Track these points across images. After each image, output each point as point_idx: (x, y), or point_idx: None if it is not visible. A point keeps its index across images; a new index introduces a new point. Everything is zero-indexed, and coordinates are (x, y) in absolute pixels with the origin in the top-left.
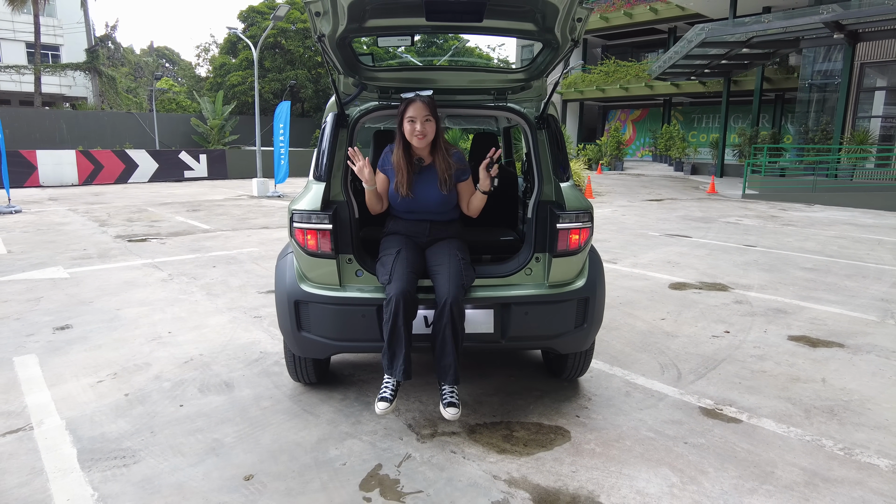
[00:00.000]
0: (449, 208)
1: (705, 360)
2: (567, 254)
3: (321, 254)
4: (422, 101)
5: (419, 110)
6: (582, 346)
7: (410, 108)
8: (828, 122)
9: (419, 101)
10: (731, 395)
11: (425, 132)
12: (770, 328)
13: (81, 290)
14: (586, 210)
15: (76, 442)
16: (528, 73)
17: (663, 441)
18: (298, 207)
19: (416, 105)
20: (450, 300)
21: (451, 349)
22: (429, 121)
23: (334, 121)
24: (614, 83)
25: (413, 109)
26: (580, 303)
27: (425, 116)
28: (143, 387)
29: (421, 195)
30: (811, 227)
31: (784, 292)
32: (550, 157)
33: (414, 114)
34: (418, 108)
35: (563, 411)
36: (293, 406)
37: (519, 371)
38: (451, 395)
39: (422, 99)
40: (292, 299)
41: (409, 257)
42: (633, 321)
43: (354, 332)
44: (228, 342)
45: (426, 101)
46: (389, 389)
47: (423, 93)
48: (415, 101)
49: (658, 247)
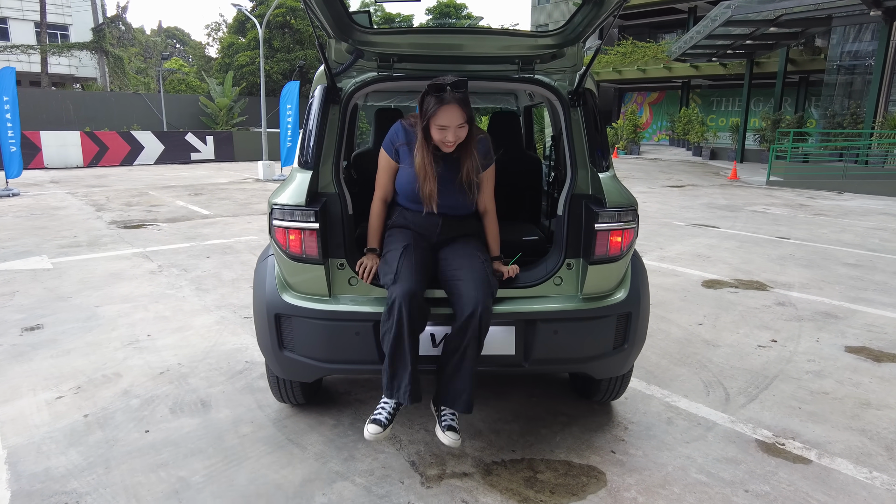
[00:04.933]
0: (467, 203)
1: (754, 376)
2: (606, 260)
3: (306, 258)
4: (457, 105)
5: (453, 117)
6: (620, 371)
7: (442, 114)
8: (857, 105)
9: (454, 105)
10: (792, 425)
11: (458, 138)
12: (822, 336)
13: (62, 284)
14: (630, 206)
15: (13, 481)
16: (561, 38)
17: (719, 488)
18: (279, 201)
19: (449, 111)
20: (479, 309)
21: (469, 371)
22: (462, 126)
23: (323, 95)
24: (631, 65)
25: (445, 116)
26: (620, 319)
27: (460, 124)
28: (107, 405)
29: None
30: (845, 216)
31: (830, 292)
32: (587, 140)
33: (447, 122)
34: (453, 113)
35: (596, 445)
36: (276, 434)
37: (542, 391)
38: (452, 417)
39: (456, 99)
40: (272, 312)
41: (418, 256)
42: (667, 326)
43: (347, 352)
44: (212, 348)
45: (461, 103)
46: (386, 412)
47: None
48: (448, 103)
49: (685, 238)
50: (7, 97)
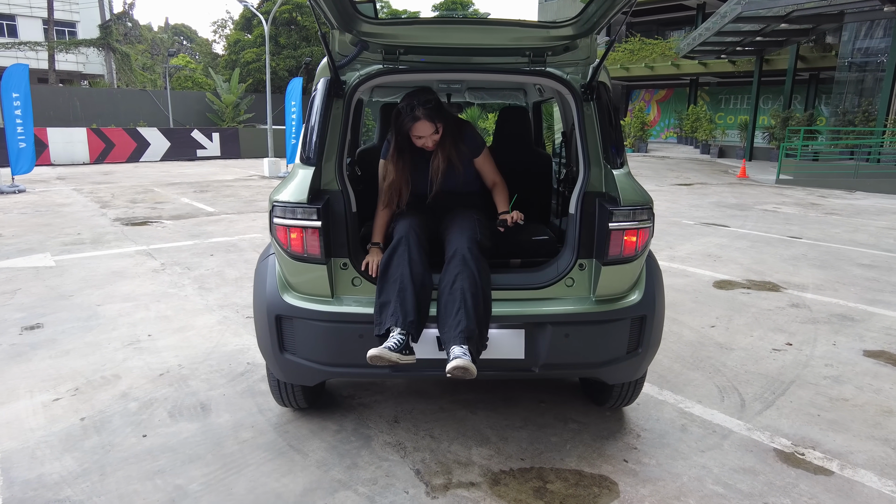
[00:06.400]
0: (468, 181)
1: (770, 381)
2: (620, 261)
3: (308, 257)
4: (426, 120)
5: (425, 129)
6: (634, 376)
7: (416, 129)
8: (869, 103)
9: (424, 121)
10: (812, 433)
11: (435, 141)
12: (839, 340)
13: (64, 282)
14: (646, 205)
15: (6, 488)
16: (574, 28)
17: (737, 500)
18: (281, 198)
19: (421, 126)
20: (460, 249)
21: (459, 302)
22: (435, 133)
23: (326, 88)
24: (639, 62)
25: (418, 129)
26: (634, 322)
27: (432, 133)
28: (105, 408)
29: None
30: (857, 216)
31: (845, 294)
32: (601, 135)
33: (421, 133)
34: (424, 127)
35: (608, 453)
36: (277, 440)
37: (551, 396)
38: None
39: (424, 115)
40: (273, 313)
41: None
42: (679, 329)
43: (350, 355)
44: (213, 349)
45: (429, 116)
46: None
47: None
48: (419, 120)
49: (695, 237)
50: (18, 94)
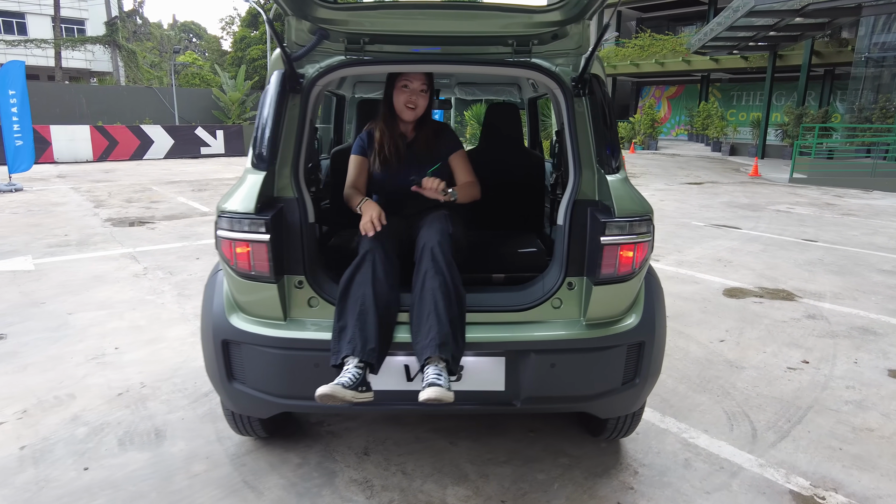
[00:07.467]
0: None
1: (785, 406)
2: (615, 280)
3: (257, 275)
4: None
5: (417, 79)
6: (629, 409)
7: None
8: (886, 99)
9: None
10: (833, 472)
11: (417, 104)
12: (861, 357)
13: (40, 287)
14: (644, 216)
15: None
16: (562, 13)
17: None
18: (227, 207)
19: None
20: (429, 244)
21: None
22: (424, 93)
23: (280, 82)
24: (649, 58)
25: (412, 77)
26: (631, 350)
27: (422, 87)
28: (50, 434)
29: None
30: (876, 217)
31: (866, 304)
32: (593, 135)
33: (411, 80)
34: (416, 77)
35: (600, 494)
36: (232, 474)
37: (542, 424)
38: (437, 374)
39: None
40: (219, 338)
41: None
42: (685, 343)
43: (306, 386)
44: (182, 364)
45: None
46: (350, 374)
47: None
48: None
49: (704, 240)
50: (14, 91)
